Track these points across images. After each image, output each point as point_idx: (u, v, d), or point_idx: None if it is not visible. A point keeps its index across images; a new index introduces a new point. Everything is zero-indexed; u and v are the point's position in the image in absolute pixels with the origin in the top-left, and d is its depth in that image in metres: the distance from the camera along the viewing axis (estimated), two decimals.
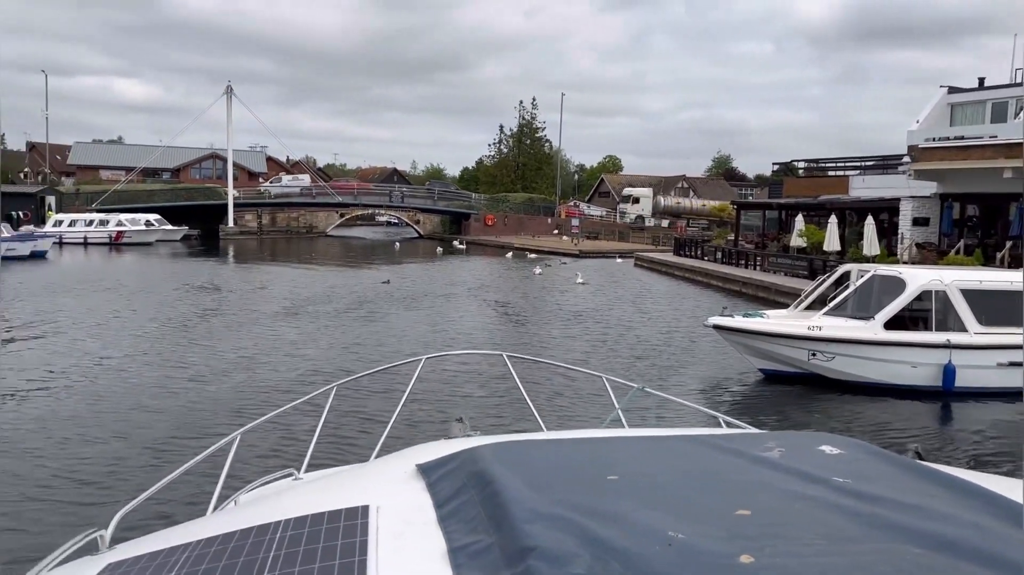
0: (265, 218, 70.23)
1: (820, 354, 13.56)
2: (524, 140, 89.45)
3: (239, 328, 19.01)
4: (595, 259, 49.03)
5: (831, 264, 27.53)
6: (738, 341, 14.36)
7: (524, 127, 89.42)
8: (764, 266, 32.43)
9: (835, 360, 13.53)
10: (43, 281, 28.86)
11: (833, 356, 13.50)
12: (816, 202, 35.30)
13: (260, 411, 9.30)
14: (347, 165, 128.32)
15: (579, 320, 21.80)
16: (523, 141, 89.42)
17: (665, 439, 2.45)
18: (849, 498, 1.77)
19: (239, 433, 3.38)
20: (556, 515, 1.63)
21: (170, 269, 35.98)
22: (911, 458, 2.39)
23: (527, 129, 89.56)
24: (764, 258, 33.10)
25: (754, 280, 29.58)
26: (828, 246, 28.47)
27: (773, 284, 27.69)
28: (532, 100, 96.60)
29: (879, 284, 14.08)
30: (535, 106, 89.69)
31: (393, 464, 2.33)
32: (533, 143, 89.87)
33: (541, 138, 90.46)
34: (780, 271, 30.86)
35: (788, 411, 12.87)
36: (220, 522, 2.08)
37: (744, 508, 1.69)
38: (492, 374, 12.97)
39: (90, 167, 76.47)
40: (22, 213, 53.20)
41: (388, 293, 27.04)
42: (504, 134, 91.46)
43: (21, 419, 10.73)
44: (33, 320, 19.29)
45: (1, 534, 7.03)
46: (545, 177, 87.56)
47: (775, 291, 27.03)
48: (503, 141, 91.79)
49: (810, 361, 13.70)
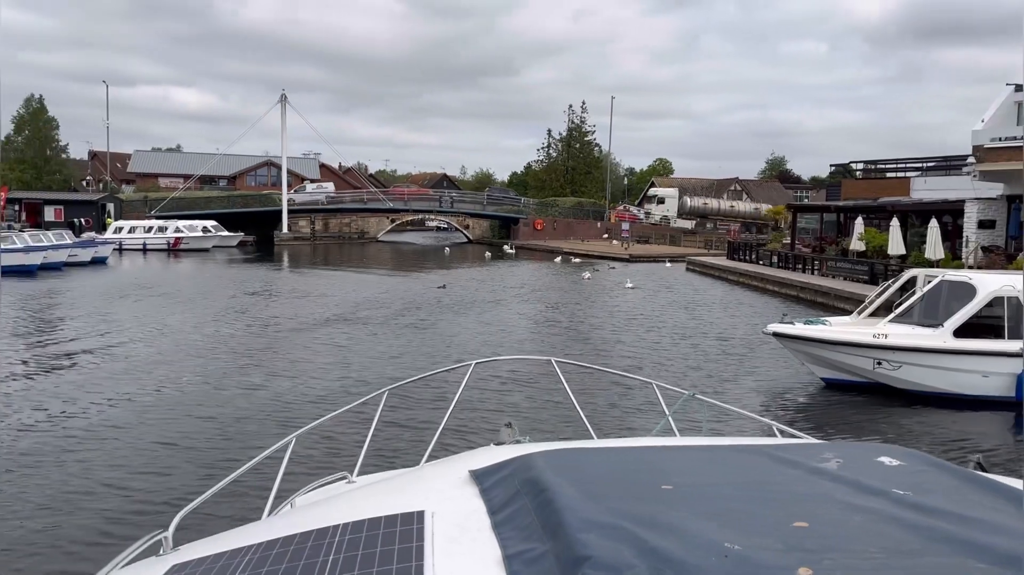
0: (318, 224, 71.23)
1: (886, 363, 13.05)
2: (573, 144, 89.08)
3: (293, 333, 19.15)
4: (645, 263, 48.48)
5: (893, 269, 26.73)
6: (799, 349, 13.91)
7: (573, 131, 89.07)
8: (823, 270, 31.61)
9: (902, 369, 13.01)
10: (103, 287, 29.60)
11: (900, 365, 12.98)
12: (876, 204, 34.35)
13: (314, 415, 9.52)
14: (398, 171, 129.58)
15: (630, 326, 21.47)
16: (572, 145, 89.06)
17: (720, 448, 2.43)
18: (909, 511, 1.74)
19: (294, 436, 3.42)
20: (611, 524, 1.62)
21: (226, 275, 36.60)
22: (973, 469, 2.33)
23: (576, 133, 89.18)
24: (822, 262, 32.27)
25: (812, 285, 28.83)
26: (891, 250, 27.59)
27: (832, 289, 26.93)
28: (581, 104, 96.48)
29: (948, 290, 13.50)
30: (584, 109, 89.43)
31: (446, 469, 2.34)
32: (582, 147, 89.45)
33: (590, 142, 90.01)
34: (839, 276, 30.04)
35: (852, 422, 12.40)
36: (279, 525, 2.11)
37: (802, 520, 1.67)
38: (541, 379, 12.93)
39: (150, 175, 78.44)
40: (84, 220, 54.76)
41: (437, 299, 27.05)
42: (553, 138, 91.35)
43: (83, 425, 10.92)
44: (93, 326, 19.72)
45: (69, 536, 7.21)
46: (594, 181, 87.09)
47: (834, 296, 26.29)
48: (552, 145, 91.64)
49: (875, 370, 13.20)
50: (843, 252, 32.79)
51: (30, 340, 17.84)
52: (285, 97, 64.23)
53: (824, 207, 39.33)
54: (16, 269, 31.98)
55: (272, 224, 63.72)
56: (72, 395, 12.61)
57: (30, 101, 71.07)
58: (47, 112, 71.88)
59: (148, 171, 79.55)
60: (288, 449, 3.32)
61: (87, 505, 7.92)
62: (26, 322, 20.49)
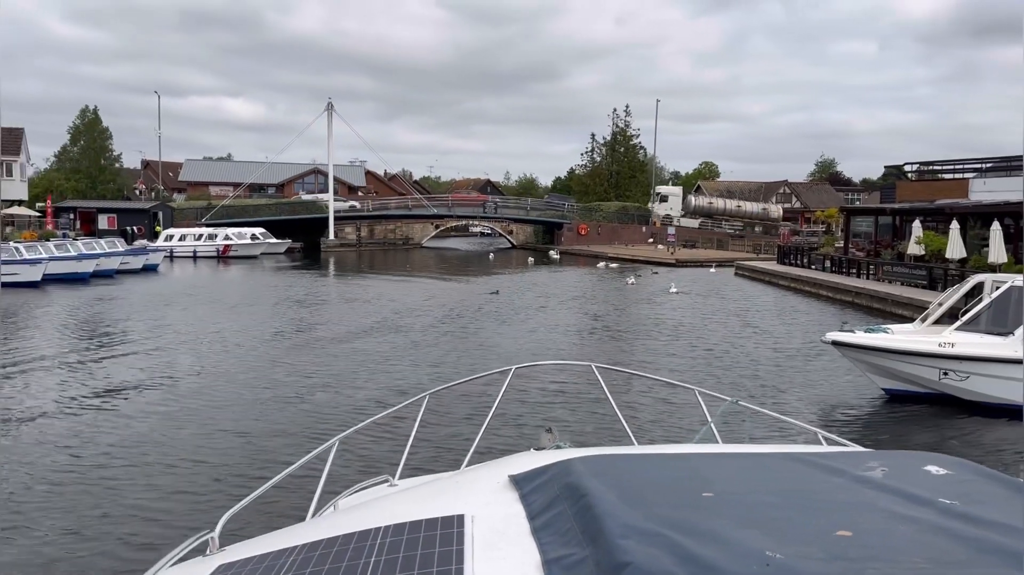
0: (364, 230, 71.76)
1: (953, 373, 12.43)
2: (618, 148, 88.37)
3: (340, 340, 19.08)
4: (692, 268, 47.73)
5: (952, 273, 25.78)
6: (860, 359, 13.33)
7: (617, 135, 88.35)
8: (878, 275, 30.65)
9: (970, 380, 12.37)
10: (154, 294, 30.03)
11: (968, 375, 12.35)
12: (933, 207, 33.21)
13: (357, 418, 9.71)
14: (442, 177, 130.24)
15: (680, 334, 20.98)
16: (616, 149, 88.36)
17: (762, 456, 2.39)
18: (956, 521, 1.71)
19: (337, 439, 3.47)
20: (651, 531, 1.61)
21: (273, 282, 36.92)
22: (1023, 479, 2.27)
23: (620, 137, 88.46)
24: (878, 267, 31.29)
25: (868, 290, 27.94)
26: (951, 253, 26.58)
27: (889, 294, 26.06)
28: (625, 107, 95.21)
29: (1018, 296, 12.81)
30: (628, 113, 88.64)
31: (486, 474, 2.35)
32: (627, 151, 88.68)
33: (635, 145, 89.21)
34: (896, 281, 29.09)
35: (915, 435, 11.82)
36: (323, 527, 2.14)
37: (845, 529, 1.65)
38: (581, 384, 12.77)
39: (200, 183, 79.94)
40: (136, 228, 55.87)
41: (478, 306, 26.84)
42: (596, 142, 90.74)
43: (131, 428, 11.11)
44: (142, 332, 19.92)
45: (118, 536, 7.38)
46: (639, 185, 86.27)
47: (892, 302, 25.43)
48: (595, 150, 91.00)
49: (941, 381, 12.58)
50: (899, 256, 31.79)
51: (81, 344, 18.09)
52: (331, 105, 64.86)
53: (879, 210, 38.19)
54: (69, 276, 32.65)
55: (319, 231, 64.35)
56: (121, 399, 12.89)
57: (85, 112, 72.95)
58: (101, 123, 73.70)
59: (199, 179, 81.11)
60: (331, 452, 3.34)
61: (136, 506, 8.08)
62: (78, 327, 20.81)
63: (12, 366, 15.39)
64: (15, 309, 24.25)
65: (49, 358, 16.39)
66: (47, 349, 17.51)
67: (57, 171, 74.98)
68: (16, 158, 58.28)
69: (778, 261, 42.64)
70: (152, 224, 57.53)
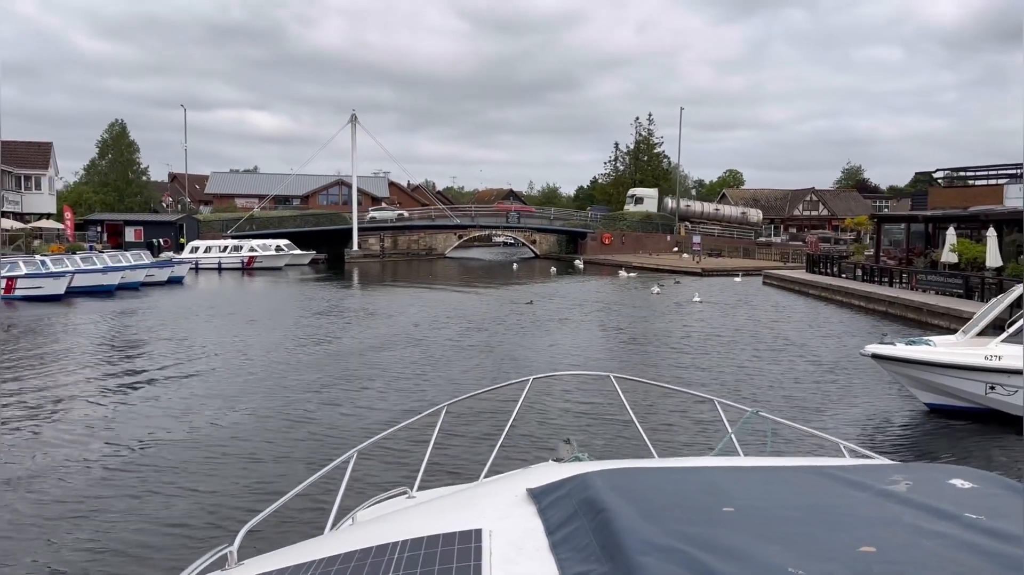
0: (387, 241, 71.85)
1: (1000, 387, 11.87)
2: (641, 156, 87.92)
3: (361, 352, 18.83)
4: (719, 278, 47.09)
5: (990, 282, 25.05)
6: (902, 372, 12.80)
7: (640, 143, 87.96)
8: (912, 284, 29.91)
9: (1018, 394, 11.80)
10: (178, 306, 30.00)
11: (1016, 390, 11.77)
12: (967, 213, 32.40)
13: (376, 430, 9.67)
14: (465, 188, 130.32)
15: (709, 347, 20.46)
16: (640, 157, 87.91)
17: (784, 469, 2.36)
18: (982, 536, 1.67)
19: (355, 451, 3.45)
20: (670, 547, 1.58)
21: (297, 293, 36.85)
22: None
23: (644, 145, 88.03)
24: (911, 275, 30.54)
25: (901, 299, 27.23)
26: (990, 262, 25.84)
27: (924, 304, 25.35)
28: (648, 115, 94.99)
29: None
30: (651, 121, 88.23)
31: (504, 487, 2.32)
32: (650, 159, 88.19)
33: (658, 154, 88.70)
34: (930, 290, 28.35)
35: (959, 452, 11.26)
36: (341, 541, 2.12)
37: (869, 545, 1.62)
38: (600, 395, 12.64)
39: (226, 195, 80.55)
40: (162, 240, 56.26)
41: (500, 318, 26.50)
42: (620, 151, 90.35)
43: (150, 441, 11.07)
44: (164, 345, 19.78)
45: (137, 549, 7.38)
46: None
47: (927, 312, 24.74)
48: (619, 158, 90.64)
49: (987, 395, 12.02)
50: (932, 264, 31.05)
51: (103, 357, 17.99)
52: (355, 117, 65.07)
53: (911, 217, 37.37)
54: (95, 289, 32.77)
55: (343, 242, 64.47)
56: (140, 411, 12.85)
57: (113, 126, 73.82)
58: (128, 136, 74.53)
59: (224, 192, 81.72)
60: (350, 464, 3.32)
61: (155, 518, 8.09)
62: (103, 340, 20.73)
63: (29, 380, 15.27)
64: (36, 323, 24.29)
65: (69, 371, 16.27)
66: (66, 361, 17.41)
67: (86, 184, 75.92)
68: (45, 172, 59.03)
69: (807, 270, 41.91)
70: (178, 236, 57.90)
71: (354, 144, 65.18)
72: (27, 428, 11.80)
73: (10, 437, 11.32)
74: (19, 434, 11.49)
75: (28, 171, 57.84)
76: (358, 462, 3.45)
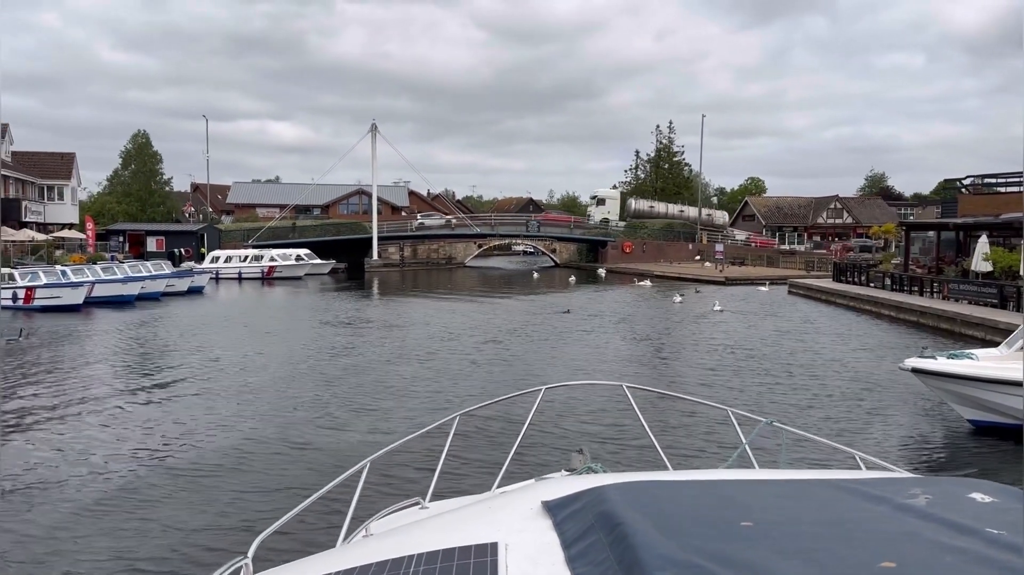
0: (407, 250, 71.72)
1: None
2: (662, 164, 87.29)
3: (378, 364, 18.47)
4: (743, 287, 46.37)
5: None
6: (944, 387, 12.20)
7: (661, 151, 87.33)
8: (944, 293, 29.11)
9: None
10: (195, 316, 29.82)
11: None
12: (999, 221, 31.55)
13: (390, 440, 9.53)
14: (483, 197, 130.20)
15: (737, 360, 19.89)
16: (660, 165, 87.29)
17: (802, 483, 2.33)
18: (1004, 551, 1.64)
19: (368, 461, 3.42)
20: (689, 562, 1.57)
21: (316, 303, 36.58)
22: None
23: (664, 153, 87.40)
24: (943, 284, 29.73)
25: (933, 309, 26.47)
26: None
27: (958, 314, 24.59)
28: (669, 123, 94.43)
29: None
30: (672, 129, 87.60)
31: (518, 498, 2.30)
32: (671, 167, 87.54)
33: (679, 162, 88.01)
34: (963, 299, 27.56)
35: (1005, 474, 10.65)
36: (355, 554, 2.09)
37: (889, 560, 1.59)
38: (613, 404, 12.56)
39: (247, 205, 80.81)
40: (184, 250, 56.39)
41: (515, 329, 26.04)
42: (640, 159, 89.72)
43: (165, 451, 11.05)
44: (180, 355, 19.53)
45: (153, 559, 7.37)
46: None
47: (961, 322, 24.00)
48: (639, 166, 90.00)
49: None
50: (963, 273, 30.24)
51: (115, 368, 17.77)
52: (375, 126, 65.06)
53: (941, 224, 36.49)
54: (115, 299, 32.70)
55: (363, 251, 64.37)
56: (153, 422, 12.76)
57: (136, 137, 74.35)
58: (152, 147, 75.02)
59: (246, 201, 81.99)
60: (363, 474, 3.29)
61: (170, 530, 8.06)
62: (116, 351, 20.51)
63: (36, 388, 15.02)
64: (52, 332, 24.16)
65: (78, 381, 16.02)
66: (77, 371, 17.17)
67: (109, 195, 76.49)
68: (68, 182, 59.46)
69: (833, 279, 41.09)
70: (199, 246, 58.02)
71: (374, 153, 65.25)
72: (33, 439, 11.61)
73: (15, 447, 11.13)
74: (25, 444, 11.30)
75: (51, 181, 58.29)
76: (371, 472, 3.41)
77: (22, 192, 54.64)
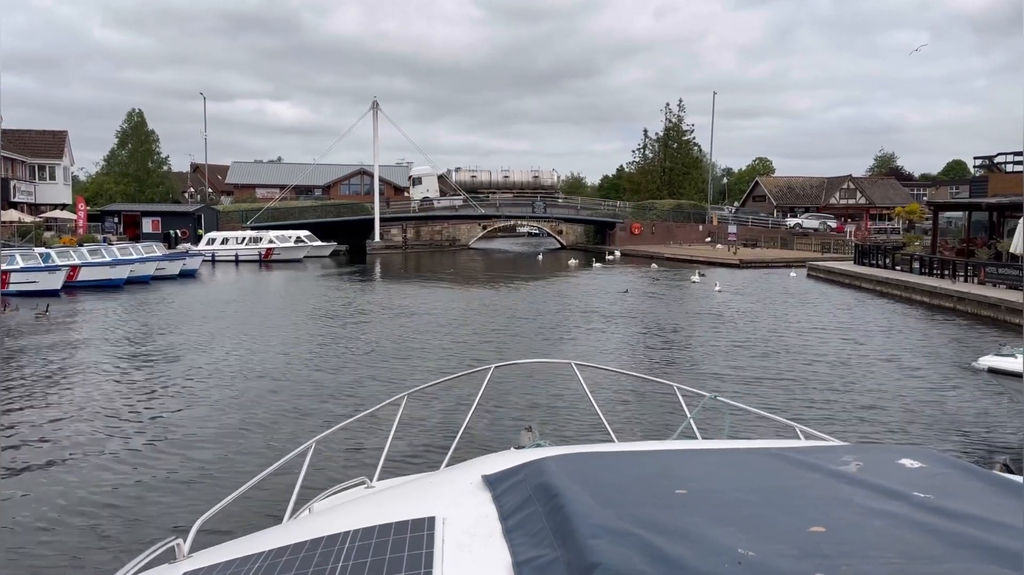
0: (410, 232, 70.00)
1: None
2: (670, 144, 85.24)
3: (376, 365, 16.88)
4: (757, 270, 44.63)
5: None
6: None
7: (670, 130, 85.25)
8: (980, 277, 27.34)
9: None
10: (183, 302, 28.10)
11: None
12: None
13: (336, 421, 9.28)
14: None
15: (771, 352, 18.19)
16: (669, 145, 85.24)
17: (737, 452, 2.31)
18: (930, 514, 1.67)
19: (313, 441, 3.34)
20: (622, 530, 1.57)
21: (314, 288, 34.85)
22: (999, 471, 2.22)
23: (673, 132, 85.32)
24: (979, 268, 27.93)
25: (972, 295, 24.72)
26: None
27: (1001, 300, 22.86)
28: (678, 102, 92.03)
29: None
30: (682, 108, 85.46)
31: (460, 474, 2.27)
32: (680, 147, 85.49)
33: (688, 141, 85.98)
34: (1000, 283, 25.82)
35: None
36: (293, 531, 2.07)
37: (819, 525, 1.62)
38: (564, 382, 12.33)
39: (247, 186, 79.07)
40: (180, 231, 54.68)
41: (528, 319, 24.39)
42: (649, 138, 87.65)
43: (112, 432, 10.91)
44: (156, 345, 17.93)
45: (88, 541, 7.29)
46: (693, 182, 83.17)
47: (1005, 309, 22.28)
48: (648, 146, 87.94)
49: None
50: (997, 255, 28.50)
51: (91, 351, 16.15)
52: (377, 104, 62.99)
53: (973, 204, 34.65)
54: (102, 283, 31.07)
55: (365, 233, 62.61)
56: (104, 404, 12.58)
57: (132, 116, 72.57)
58: (147, 126, 73.25)
59: (245, 182, 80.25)
60: (308, 454, 3.19)
61: (110, 510, 7.98)
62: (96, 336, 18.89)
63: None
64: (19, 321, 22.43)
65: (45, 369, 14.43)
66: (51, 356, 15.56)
67: (106, 175, 74.79)
68: (59, 161, 57.69)
69: (855, 261, 39.28)
70: (196, 227, 56.28)
71: (375, 131, 63.23)
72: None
73: None
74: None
75: (42, 160, 56.53)
76: (319, 452, 3.49)
77: (11, 171, 52.88)
